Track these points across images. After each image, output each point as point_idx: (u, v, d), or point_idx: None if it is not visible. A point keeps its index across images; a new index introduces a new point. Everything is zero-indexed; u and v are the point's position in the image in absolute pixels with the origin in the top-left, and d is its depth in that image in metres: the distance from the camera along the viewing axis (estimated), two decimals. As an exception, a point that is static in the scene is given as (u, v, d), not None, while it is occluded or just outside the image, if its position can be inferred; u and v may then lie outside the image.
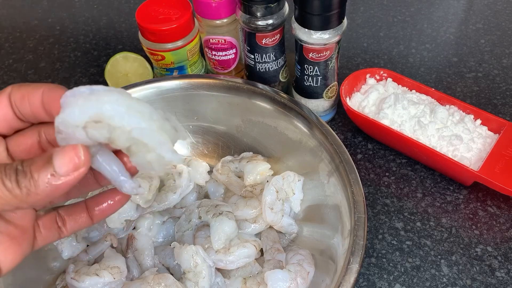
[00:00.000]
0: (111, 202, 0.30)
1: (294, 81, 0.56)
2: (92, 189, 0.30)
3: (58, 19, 0.77)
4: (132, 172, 0.27)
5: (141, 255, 0.43)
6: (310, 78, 0.52)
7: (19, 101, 0.27)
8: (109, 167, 0.26)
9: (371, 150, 0.55)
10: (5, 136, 0.28)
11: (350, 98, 0.56)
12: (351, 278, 0.35)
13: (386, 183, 0.52)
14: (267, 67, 0.54)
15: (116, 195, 0.30)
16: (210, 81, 0.50)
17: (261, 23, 0.50)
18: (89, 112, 0.24)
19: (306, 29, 0.48)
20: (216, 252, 0.41)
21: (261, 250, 0.44)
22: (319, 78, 0.52)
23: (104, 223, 0.44)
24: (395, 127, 0.52)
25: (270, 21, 0.50)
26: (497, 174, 0.47)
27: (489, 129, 0.52)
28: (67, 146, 0.24)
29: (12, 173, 0.23)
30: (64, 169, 0.24)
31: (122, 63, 0.61)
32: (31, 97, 0.27)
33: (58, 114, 0.25)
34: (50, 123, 0.28)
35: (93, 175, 0.29)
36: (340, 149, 0.43)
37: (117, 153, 0.27)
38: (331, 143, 0.43)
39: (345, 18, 0.49)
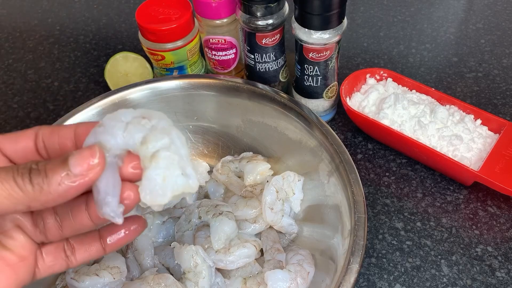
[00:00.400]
0: (127, 232, 0.30)
1: (294, 81, 0.56)
2: (83, 224, 0.27)
3: (58, 19, 0.77)
4: (127, 206, 0.26)
5: (141, 255, 0.43)
6: (310, 78, 0.52)
7: (48, 135, 0.28)
8: (107, 180, 0.25)
9: (371, 150, 0.55)
10: None
11: (350, 98, 0.56)
12: (351, 278, 0.35)
13: (386, 183, 0.52)
14: (267, 67, 0.54)
15: (132, 224, 0.30)
16: (210, 81, 0.50)
17: (261, 23, 0.50)
18: (143, 111, 0.27)
19: (306, 29, 0.48)
20: (216, 252, 0.41)
21: (261, 250, 0.44)
22: (319, 78, 0.52)
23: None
24: (395, 127, 0.52)
25: (270, 21, 0.49)
26: (497, 174, 0.47)
27: (489, 129, 0.52)
28: (83, 148, 0.25)
29: (26, 172, 0.24)
30: (79, 168, 0.24)
31: (122, 63, 0.61)
32: (62, 130, 0.28)
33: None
34: None
35: (86, 205, 0.27)
36: (340, 149, 0.43)
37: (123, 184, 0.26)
38: (331, 143, 0.43)
39: (345, 18, 0.49)
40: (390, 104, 0.52)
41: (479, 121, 0.52)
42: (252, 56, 0.53)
